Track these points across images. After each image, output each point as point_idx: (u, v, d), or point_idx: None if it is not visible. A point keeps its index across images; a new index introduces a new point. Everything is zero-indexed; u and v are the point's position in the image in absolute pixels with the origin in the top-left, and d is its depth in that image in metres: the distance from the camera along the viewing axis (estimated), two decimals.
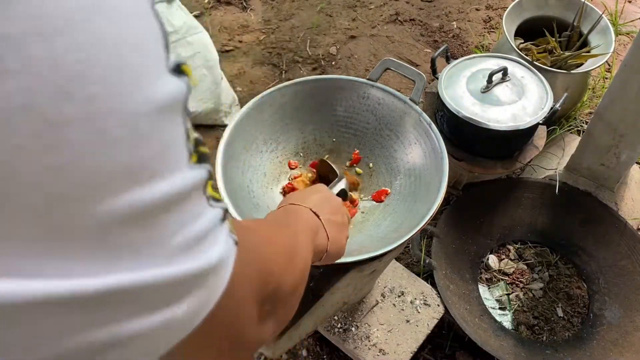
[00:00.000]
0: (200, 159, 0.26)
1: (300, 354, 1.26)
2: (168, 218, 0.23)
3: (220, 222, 0.27)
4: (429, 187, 0.92)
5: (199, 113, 1.66)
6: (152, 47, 0.22)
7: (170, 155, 0.23)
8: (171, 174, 0.23)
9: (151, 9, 0.22)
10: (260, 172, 1.00)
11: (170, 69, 0.23)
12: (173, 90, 0.22)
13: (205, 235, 0.25)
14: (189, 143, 0.24)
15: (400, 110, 1.01)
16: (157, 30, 0.22)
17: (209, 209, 0.26)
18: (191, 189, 0.24)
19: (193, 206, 0.25)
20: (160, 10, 1.36)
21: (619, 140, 1.31)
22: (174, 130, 0.23)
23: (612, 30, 1.48)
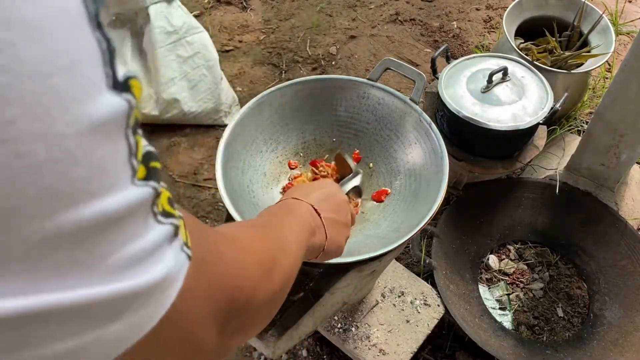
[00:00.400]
0: (149, 174, 0.25)
1: (300, 354, 1.26)
2: (103, 238, 0.22)
3: (169, 239, 0.26)
4: (429, 187, 0.92)
5: (199, 113, 1.66)
6: (84, 66, 0.21)
7: (105, 175, 0.22)
8: (107, 194, 0.22)
9: (88, 24, 0.21)
10: (260, 172, 1.00)
11: (112, 85, 0.22)
12: (110, 108, 0.22)
13: (148, 253, 0.25)
14: (133, 160, 0.24)
15: (401, 110, 1.01)
16: (94, 47, 0.21)
17: (156, 226, 0.25)
18: (133, 207, 0.24)
19: (134, 225, 0.24)
20: (160, 10, 1.35)
21: (619, 140, 1.31)
22: (110, 150, 0.22)
23: (613, 30, 1.48)
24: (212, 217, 1.52)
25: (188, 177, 1.61)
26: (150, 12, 1.51)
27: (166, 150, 1.66)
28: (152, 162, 0.26)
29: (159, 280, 0.25)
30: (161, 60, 1.55)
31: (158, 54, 1.54)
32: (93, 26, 0.21)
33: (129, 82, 0.23)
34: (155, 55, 1.55)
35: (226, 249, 0.37)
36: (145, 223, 0.25)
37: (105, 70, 0.22)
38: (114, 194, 0.23)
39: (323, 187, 0.66)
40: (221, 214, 1.52)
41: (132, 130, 0.24)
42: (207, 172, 1.62)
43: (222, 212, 1.52)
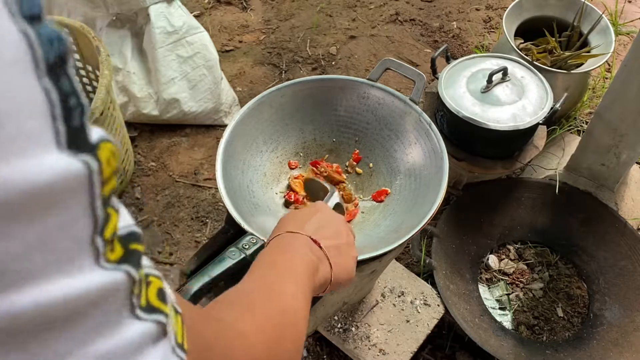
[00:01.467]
0: (126, 257, 0.21)
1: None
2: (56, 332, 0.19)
3: (153, 339, 0.22)
4: (429, 187, 0.92)
5: (199, 113, 1.66)
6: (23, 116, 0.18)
7: (49, 253, 0.18)
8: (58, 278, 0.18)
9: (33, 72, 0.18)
10: (260, 172, 1.00)
11: (63, 143, 0.18)
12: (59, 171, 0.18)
13: (122, 356, 0.21)
14: (98, 238, 0.20)
15: (400, 110, 1.01)
16: (37, 97, 0.18)
17: (133, 322, 0.21)
18: (97, 295, 0.20)
19: (100, 318, 0.20)
20: (160, 11, 1.35)
21: (619, 140, 1.31)
22: (58, 222, 0.19)
23: (612, 30, 1.48)
24: (212, 217, 1.52)
25: (188, 177, 1.61)
26: (151, 12, 1.51)
27: (166, 150, 1.66)
28: (133, 243, 0.22)
29: None
30: (161, 60, 1.55)
31: (158, 54, 1.54)
32: (40, 73, 0.18)
33: (99, 144, 0.20)
34: (155, 55, 1.55)
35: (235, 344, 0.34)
36: (117, 316, 0.21)
37: (56, 126, 0.18)
38: (70, 276, 0.19)
39: (318, 211, 0.62)
40: (221, 214, 1.52)
41: (103, 202, 0.20)
42: (207, 172, 1.62)
43: (222, 212, 1.52)
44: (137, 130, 1.68)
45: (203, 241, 1.46)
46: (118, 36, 1.58)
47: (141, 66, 1.62)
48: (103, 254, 0.20)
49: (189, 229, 1.50)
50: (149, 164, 1.63)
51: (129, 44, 1.60)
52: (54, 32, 0.19)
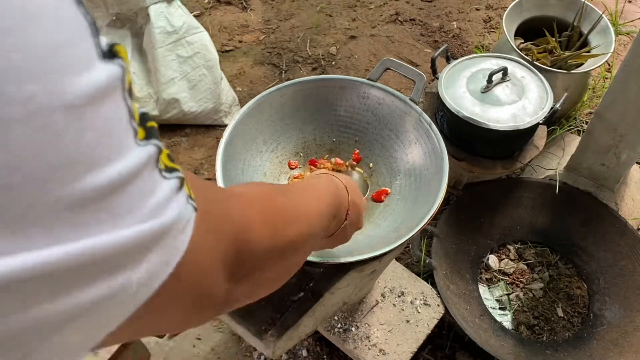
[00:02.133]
0: (148, 134, 0.26)
1: (300, 354, 1.26)
2: (120, 198, 0.24)
3: (176, 191, 0.28)
4: (429, 187, 0.92)
5: (199, 113, 1.66)
6: (79, 39, 0.22)
7: (114, 138, 0.24)
8: (119, 156, 0.24)
9: (75, 5, 0.23)
10: (260, 172, 1.00)
11: (101, 54, 0.23)
12: (107, 75, 0.23)
13: (161, 205, 0.26)
14: (133, 121, 0.25)
15: (401, 110, 1.01)
16: (82, 20, 0.23)
17: (162, 182, 0.27)
18: (141, 166, 0.25)
19: (145, 183, 0.25)
20: (160, 10, 1.35)
21: (619, 140, 1.31)
22: (114, 113, 0.24)
23: (612, 30, 1.48)
24: None
25: None
26: (150, 12, 1.51)
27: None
28: (149, 122, 0.27)
29: (173, 222, 0.27)
30: (161, 60, 1.55)
31: (158, 54, 1.54)
32: (77, 2, 0.23)
33: (114, 49, 0.24)
34: (155, 55, 1.55)
35: (232, 204, 0.39)
36: (153, 179, 0.26)
37: (95, 41, 0.23)
38: (124, 156, 0.24)
39: (351, 180, 0.68)
40: None
41: (129, 93, 0.25)
42: (207, 172, 1.62)
43: None
44: None
45: None
46: (118, 36, 1.58)
47: (141, 66, 1.62)
48: (137, 134, 0.25)
49: None
50: None
51: (129, 44, 1.60)
52: None
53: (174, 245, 0.28)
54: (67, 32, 0.22)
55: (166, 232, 0.27)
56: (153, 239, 0.26)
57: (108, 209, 0.23)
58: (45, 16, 0.21)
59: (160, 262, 0.27)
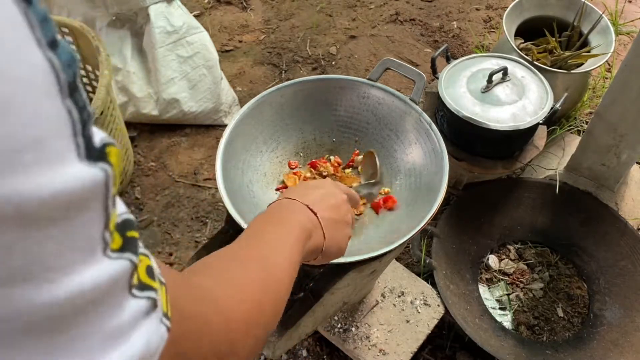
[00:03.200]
0: (125, 244, 0.24)
1: (300, 354, 1.26)
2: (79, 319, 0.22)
3: (146, 312, 0.25)
4: (429, 187, 0.92)
5: (199, 113, 1.66)
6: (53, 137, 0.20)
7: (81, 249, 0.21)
8: (79, 270, 0.21)
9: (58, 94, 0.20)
10: (260, 172, 1.00)
11: (85, 155, 0.21)
12: (83, 180, 0.21)
13: (125, 330, 0.24)
14: (107, 232, 0.23)
15: (401, 110, 1.01)
16: (63, 117, 0.20)
17: (131, 301, 0.24)
18: (107, 283, 0.23)
19: (111, 301, 0.23)
20: (160, 10, 1.34)
21: (619, 140, 1.31)
22: (82, 222, 0.21)
23: (612, 30, 1.48)
24: (212, 217, 1.52)
25: (188, 177, 1.61)
26: (150, 12, 1.51)
27: (166, 150, 1.66)
28: (129, 231, 0.25)
29: (142, 352, 0.24)
30: (161, 60, 1.55)
31: (158, 54, 1.54)
32: (64, 95, 0.20)
33: (105, 150, 0.22)
34: (155, 55, 1.55)
35: (211, 317, 0.36)
36: (121, 299, 0.24)
37: (77, 140, 0.21)
38: (86, 269, 0.21)
39: (320, 187, 0.63)
40: (221, 214, 1.52)
41: (112, 201, 0.23)
42: (207, 172, 1.62)
43: (222, 212, 1.52)
44: (136, 130, 1.68)
45: (203, 241, 1.46)
46: (118, 36, 1.58)
47: (141, 66, 1.62)
48: (108, 245, 0.23)
49: (188, 229, 1.50)
50: (148, 164, 1.63)
51: (129, 44, 1.59)
52: (70, 54, 0.21)
53: None
54: (37, 129, 0.19)
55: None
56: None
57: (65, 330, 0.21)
58: (12, 110, 0.19)
59: None
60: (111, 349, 0.23)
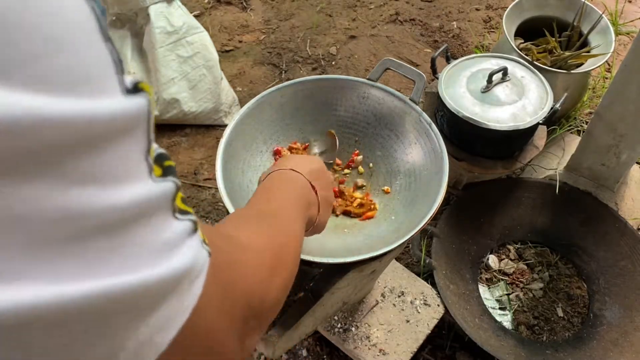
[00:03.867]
0: (165, 172, 0.26)
1: (300, 354, 1.26)
2: (134, 228, 0.24)
3: (189, 234, 0.28)
4: (429, 187, 0.92)
5: (199, 113, 1.66)
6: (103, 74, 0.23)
7: (131, 167, 0.24)
8: (132, 184, 0.24)
9: (101, 37, 0.23)
10: (260, 172, 1.00)
11: (125, 91, 0.24)
12: (136, 106, 0.24)
13: (175, 244, 0.26)
14: (149, 157, 0.25)
15: (400, 110, 1.01)
16: (107, 57, 0.23)
17: (175, 222, 0.27)
18: (155, 201, 0.25)
19: (158, 218, 0.25)
20: (160, 10, 1.35)
21: (619, 140, 1.31)
22: (135, 145, 0.24)
23: (612, 30, 1.48)
24: (212, 217, 1.52)
25: (188, 177, 1.61)
26: (150, 12, 1.51)
27: (166, 150, 1.66)
28: (166, 161, 0.27)
29: (189, 267, 0.27)
30: (161, 60, 1.55)
31: (158, 54, 1.54)
32: (105, 38, 0.23)
33: (139, 86, 0.24)
34: (155, 55, 1.55)
35: (239, 256, 0.38)
36: (166, 218, 0.26)
37: (118, 78, 0.23)
38: (137, 184, 0.24)
39: (314, 162, 0.68)
40: (221, 214, 1.52)
41: (152, 128, 0.25)
42: (207, 172, 1.62)
43: (222, 212, 1.52)
44: None
45: None
46: (118, 36, 1.58)
47: (141, 66, 1.62)
48: (152, 170, 0.25)
49: None
50: None
51: (129, 44, 1.59)
52: (102, 6, 0.24)
53: (190, 290, 0.27)
54: (93, 65, 0.22)
55: (183, 276, 0.26)
56: (171, 282, 0.25)
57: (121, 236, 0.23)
58: (70, 46, 0.21)
59: (177, 307, 0.26)
60: (162, 260, 0.25)
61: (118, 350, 0.23)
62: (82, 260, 0.21)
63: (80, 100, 0.21)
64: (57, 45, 0.21)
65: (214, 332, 0.31)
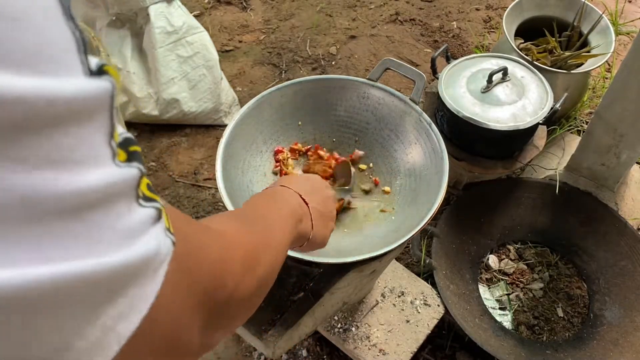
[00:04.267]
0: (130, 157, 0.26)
1: (300, 354, 1.26)
2: (95, 213, 0.23)
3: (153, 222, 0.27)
4: (429, 187, 0.92)
5: (199, 113, 1.66)
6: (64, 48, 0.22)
7: (92, 150, 0.23)
8: (95, 167, 0.23)
9: (62, 15, 0.23)
10: (260, 172, 1.00)
11: (88, 72, 0.23)
12: (96, 88, 0.23)
13: (137, 231, 0.26)
14: (112, 141, 0.25)
15: (401, 110, 1.01)
16: (69, 34, 0.23)
17: (139, 208, 0.26)
18: (118, 186, 0.25)
19: (121, 204, 0.25)
20: (160, 10, 1.35)
21: (619, 140, 1.31)
22: (93, 127, 0.23)
23: (612, 30, 1.48)
24: None
25: (188, 177, 1.61)
26: (150, 12, 1.51)
27: (166, 150, 1.66)
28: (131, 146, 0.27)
29: (152, 255, 0.26)
30: (161, 60, 1.55)
31: (158, 54, 1.54)
32: (67, 17, 0.23)
33: (103, 68, 0.24)
34: (155, 55, 1.55)
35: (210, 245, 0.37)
36: (130, 204, 0.25)
37: (81, 58, 0.23)
38: (99, 168, 0.23)
39: (312, 180, 0.68)
40: None
41: (116, 112, 0.25)
42: (207, 172, 1.62)
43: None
44: (137, 130, 1.68)
45: None
46: (118, 36, 1.58)
47: (141, 66, 1.62)
48: (116, 155, 0.25)
49: None
50: (149, 164, 1.63)
51: (129, 44, 1.59)
52: None
53: (153, 279, 0.27)
54: (49, 41, 0.22)
55: (145, 264, 0.26)
56: (133, 270, 0.25)
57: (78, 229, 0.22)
58: (29, 23, 0.21)
59: (139, 295, 0.26)
60: (123, 247, 0.24)
61: (75, 339, 0.23)
62: (37, 245, 0.21)
63: (39, 79, 0.21)
64: (14, 23, 0.20)
65: (177, 322, 0.31)
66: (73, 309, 0.22)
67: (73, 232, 0.22)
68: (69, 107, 0.22)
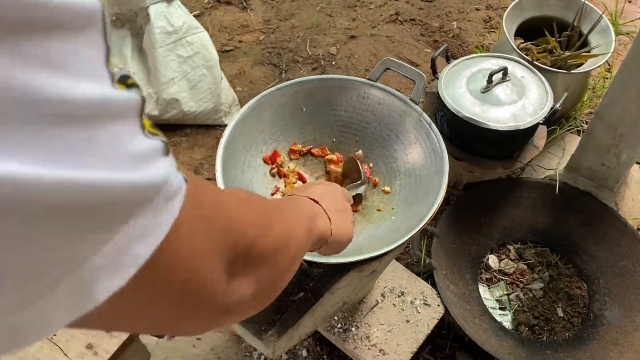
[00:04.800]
0: (129, 88, 0.25)
1: (300, 354, 1.26)
2: (101, 125, 0.22)
3: (162, 153, 0.26)
4: (429, 187, 0.92)
5: (199, 113, 1.66)
6: None
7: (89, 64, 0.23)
8: (95, 81, 0.23)
9: None
10: (260, 172, 1.00)
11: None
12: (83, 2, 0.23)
13: (148, 154, 0.25)
14: (109, 67, 0.24)
15: (401, 110, 1.01)
16: None
17: (145, 138, 0.25)
18: (122, 104, 0.24)
19: (126, 125, 0.24)
20: (160, 10, 1.35)
21: (619, 140, 1.31)
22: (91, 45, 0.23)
23: (612, 30, 1.48)
24: None
25: None
26: (150, 12, 1.51)
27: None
28: (129, 80, 0.26)
29: (163, 181, 0.25)
30: (161, 60, 1.55)
31: (158, 54, 1.54)
32: None
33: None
34: (155, 55, 1.55)
35: (226, 197, 0.37)
36: (135, 128, 0.25)
37: None
38: (99, 83, 0.23)
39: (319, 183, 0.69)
40: None
41: (109, 34, 0.24)
42: (207, 172, 1.62)
43: None
44: None
45: None
46: (118, 36, 1.58)
47: (141, 66, 1.62)
48: (114, 81, 0.24)
49: None
50: None
51: (129, 44, 1.60)
52: None
53: (166, 208, 0.26)
54: None
55: (157, 189, 0.25)
56: (144, 192, 0.24)
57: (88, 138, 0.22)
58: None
59: (152, 221, 0.25)
60: (133, 168, 0.24)
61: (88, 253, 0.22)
62: (48, 146, 0.20)
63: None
64: None
65: (197, 257, 0.30)
66: (84, 220, 0.22)
67: (81, 141, 0.21)
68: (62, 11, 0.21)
